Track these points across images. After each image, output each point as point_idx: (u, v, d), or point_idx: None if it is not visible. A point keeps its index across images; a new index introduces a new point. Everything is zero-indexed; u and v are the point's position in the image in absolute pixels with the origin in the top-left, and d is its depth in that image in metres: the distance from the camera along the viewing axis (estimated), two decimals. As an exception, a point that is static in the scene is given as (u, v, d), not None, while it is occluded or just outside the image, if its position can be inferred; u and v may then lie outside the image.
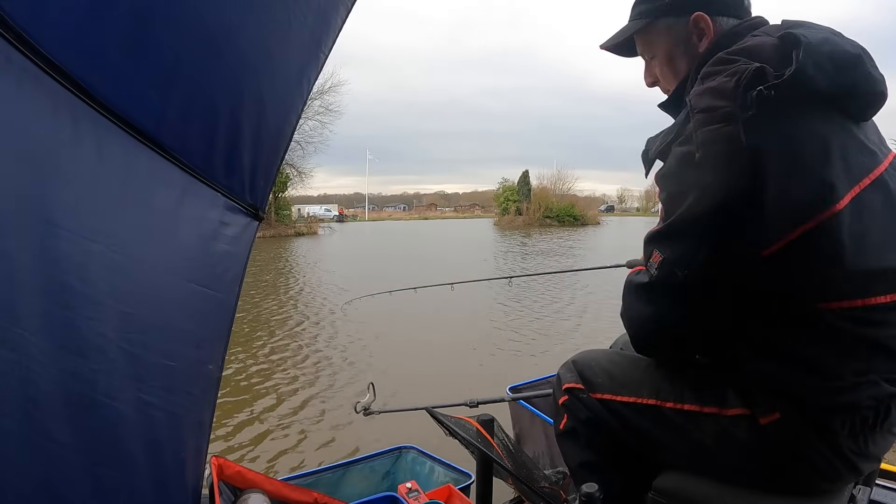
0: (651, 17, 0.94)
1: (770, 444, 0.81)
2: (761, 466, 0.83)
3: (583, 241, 20.61)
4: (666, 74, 0.98)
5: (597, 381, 1.00)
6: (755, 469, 0.84)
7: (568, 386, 1.03)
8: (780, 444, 0.80)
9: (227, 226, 1.03)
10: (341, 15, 0.97)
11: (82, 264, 0.75)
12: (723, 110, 0.73)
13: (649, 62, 1.01)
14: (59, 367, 0.71)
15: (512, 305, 7.51)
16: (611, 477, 0.99)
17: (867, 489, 0.97)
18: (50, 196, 0.72)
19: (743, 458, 0.84)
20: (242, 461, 2.88)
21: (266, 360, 4.92)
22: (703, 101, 0.76)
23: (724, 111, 0.73)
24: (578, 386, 1.01)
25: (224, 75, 0.89)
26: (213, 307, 1.03)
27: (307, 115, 26.50)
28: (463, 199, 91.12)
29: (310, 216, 35.85)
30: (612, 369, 1.00)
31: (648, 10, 0.94)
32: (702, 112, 0.75)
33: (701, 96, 0.77)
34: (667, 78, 0.98)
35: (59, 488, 0.73)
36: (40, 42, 0.67)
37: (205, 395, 1.03)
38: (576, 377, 1.03)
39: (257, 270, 11.45)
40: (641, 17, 0.96)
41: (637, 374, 0.97)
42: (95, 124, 0.77)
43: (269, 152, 1.06)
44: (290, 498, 1.49)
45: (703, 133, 0.74)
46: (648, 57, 1.00)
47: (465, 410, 1.72)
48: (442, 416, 1.58)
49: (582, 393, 1.00)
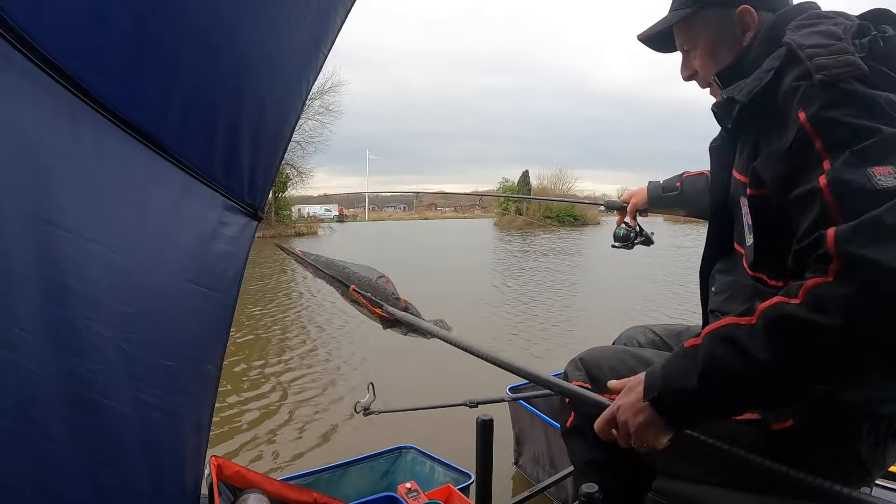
0: (696, 6, 0.91)
1: (778, 452, 0.78)
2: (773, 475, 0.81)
3: (583, 241, 20.62)
4: (708, 66, 0.94)
5: (605, 379, 0.96)
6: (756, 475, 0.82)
7: (575, 384, 1.00)
8: (789, 452, 0.78)
9: (226, 225, 1.03)
10: (340, 15, 0.97)
11: (81, 264, 0.75)
12: (838, 45, 0.67)
13: (687, 54, 0.98)
14: (57, 366, 0.71)
15: (512, 305, 7.51)
16: (616, 474, 0.98)
17: (867, 489, 0.97)
18: (49, 196, 0.72)
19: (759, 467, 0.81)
20: (236, 455, 2.89)
21: (266, 361, 4.92)
22: (812, 39, 0.69)
23: (839, 45, 0.67)
24: (586, 385, 0.98)
25: (223, 75, 0.89)
26: (212, 307, 1.03)
27: (307, 116, 26.47)
28: (463, 200, 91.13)
29: (310, 216, 35.83)
30: (620, 367, 0.98)
31: (694, 0, 0.92)
32: (813, 47, 0.68)
33: (808, 36, 0.70)
34: (708, 70, 0.94)
35: (58, 488, 0.73)
36: (40, 42, 0.67)
37: (203, 394, 1.03)
38: (584, 375, 1.01)
39: (257, 271, 11.46)
40: (685, 7, 0.93)
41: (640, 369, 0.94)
42: (95, 124, 0.77)
43: (268, 152, 1.06)
44: (290, 498, 1.49)
45: (820, 60, 0.66)
46: (688, 48, 0.97)
47: (465, 410, 1.72)
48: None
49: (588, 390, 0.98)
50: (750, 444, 0.80)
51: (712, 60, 0.93)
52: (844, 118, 0.63)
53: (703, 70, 0.95)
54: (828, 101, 0.65)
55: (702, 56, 0.94)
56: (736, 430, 0.81)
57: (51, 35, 0.69)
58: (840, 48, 0.66)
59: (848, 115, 0.63)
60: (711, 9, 0.90)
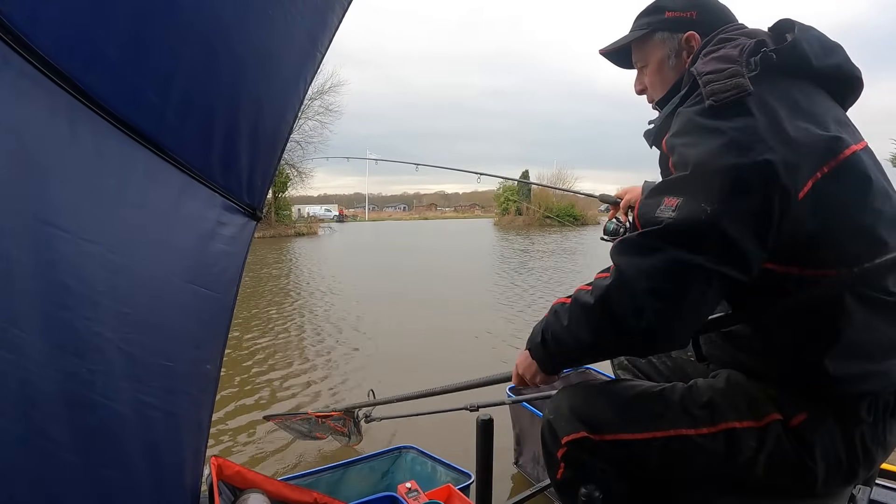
0: (650, 28, 1.02)
1: (804, 446, 0.80)
2: (796, 473, 0.81)
3: (584, 242, 20.63)
4: (654, 83, 1.05)
5: (601, 419, 0.92)
6: (790, 479, 0.82)
7: (569, 439, 0.93)
8: (811, 445, 0.80)
9: (225, 226, 1.04)
10: (337, 14, 0.97)
11: (80, 265, 0.75)
12: (730, 69, 0.78)
13: (641, 70, 1.08)
14: (57, 367, 0.71)
15: (513, 308, 7.52)
16: None
17: (867, 489, 0.97)
18: (47, 197, 0.72)
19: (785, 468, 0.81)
20: (233, 453, 2.89)
21: (267, 362, 4.93)
22: (709, 66, 0.80)
23: (731, 69, 0.78)
24: (581, 434, 0.92)
25: (221, 75, 0.90)
26: (211, 307, 1.03)
27: (307, 116, 26.46)
28: (463, 200, 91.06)
29: (310, 216, 35.85)
30: (617, 402, 0.94)
31: (649, 23, 1.03)
32: (709, 73, 0.79)
33: (707, 63, 0.82)
34: (654, 87, 1.05)
35: (57, 488, 0.73)
36: (38, 44, 0.68)
37: (203, 394, 1.03)
38: (575, 426, 0.93)
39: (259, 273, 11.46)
40: (641, 28, 1.04)
41: (649, 405, 0.91)
42: (93, 125, 0.77)
43: (266, 152, 1.06)
44: (290, 498, 1.49)
45: (711, 86, 0.77)
46: (641, 66, 1.08)
47: (465, 414, 1.72)
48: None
49: (586, 441, 0.92)
50: (779, 442, 0.82)
51: (658, 78, 1.04)
52: (679, 147, 0.78)
53: (651, 87, 1.06)
54: (677, 128, 0.80)
55: (651, 74, 1.05)
56: (763, 433, 0.83)
57: (48, 36, 0.69)
58: (732, 72, 0.77)
59: (682, 145, 0.78)
60: (663, 32, 1.01)
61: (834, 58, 0.85)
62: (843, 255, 0.76)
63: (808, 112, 0.78)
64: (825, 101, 0.84)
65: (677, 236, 0.72)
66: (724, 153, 0.73)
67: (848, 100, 0.89)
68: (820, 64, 0.82)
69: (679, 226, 0.72)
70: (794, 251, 0.77)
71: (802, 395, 0.82)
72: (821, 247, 0.77)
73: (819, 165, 0.75)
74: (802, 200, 0.73)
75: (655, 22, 1.02)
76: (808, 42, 0.82)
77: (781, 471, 0.82)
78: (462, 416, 1.91)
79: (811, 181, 0.74)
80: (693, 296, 0.73)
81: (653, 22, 1.02)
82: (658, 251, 0.73)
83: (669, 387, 0.93)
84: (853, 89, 0.89)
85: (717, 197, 0.71)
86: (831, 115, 0.81)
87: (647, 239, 0.74)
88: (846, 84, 0.87)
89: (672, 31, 1.00)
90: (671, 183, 0.77)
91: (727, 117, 0.75)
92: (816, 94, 0.83)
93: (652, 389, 0.94)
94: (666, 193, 0.76)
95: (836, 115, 0.83)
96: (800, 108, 0.78)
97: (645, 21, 1.04)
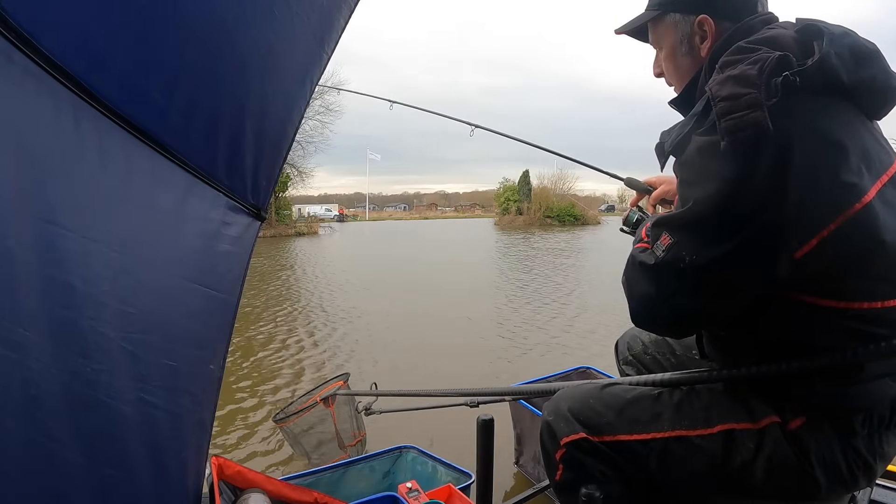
0: (661, 9, 0.97)
1: (802, 451, 0.80)
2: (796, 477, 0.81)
3: (583, 242, 20.62)
4: (669, 70, 1.00)
5: (600, 420, 0.93)
6: (791, 482, 0.82)
7: (568, 440, 0.94)
8: (808, 451, 0.80)
9: (229, 226, 1.03)
10: (344, 15, 0.97)
11: (84, 264, 0.75)
12: (748, 97, 0.71)
13: (658, 53, 1.03)
14: (60, 367, 0.71)
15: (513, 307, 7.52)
16: None
17: (867, 489, 0.97)
18: (52, 196, 0.72)
19: (785, 472, 0.81)
20: (233, 453, 2.89)
21: (266, 362, 4.92)
22: (725, 89, 0.74)
23: (750, 98, 0.71)
24: (579, 436, 0.93)
25: (227, 75, 0.89)
26: (215, 307, 1.03)
27: (308, 115, 26.44)
28: (463, 199, 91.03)
29: (310, 216, 35.85)
30: (616, 404, 0.94)
31: (660, 3, 0.97)
32: (725, 100, 0.73)
33: (723, 84, 0.75)
34: (670, 73, 1.00)
35: (61, 488, 0.73)
36: (42, 42, 0.67)
37: (206, 394, 1.03)
38: (574, 427, 0.94)
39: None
40: (653, 8, 0.98)
41: (648, 406, 0.92)
42: (97, 124, 0.77)
43: (271, 152, 1.06)
44: (290, 498, 1.49)
45: (727, 121, 0.72)
46: (657, 48, 1.03)
47: (466, 410, 1.72)
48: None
49: (585, 442, 0.92)
50: (777, 446, 0.81)
51: (672, 66, 0.99)
52: (683, 180, 0.81)
53: (667, 72, 1.01)
54: (686, 158, 0.81)
55: (665, 58, 1.00)
56: (761, 435, 0.82)
57: (53, 35, 0.68)
58: (750, 101, 0.71)
59: (685, 181, 0.81)
60: (674, 14, 0.96)
61: (867, 69, 0.77)
62: (844, 294, 0.75)
63: (832, 144, 0.73)
64: (853, 124, 0.77)
65: (662, 276, 0.81)
66: (722, 201, 0.73)
67: (882, 112, 0.82)
68: (852, 79, 0.75)
69: (663, 269, 0.80)
70: (795, 284, 0.76)
71: (800, 400, 0.81)
72: (822, 287, 0.76)
73: (826, 223, 0.72)
74: (801, 259, 0.73)
75: (667, 2, 0.96)
76: (838, 55, 0.74)
77: (781, 474, 0.82)
78: (463, 416, 1.91)
79: (816, 239, 0.72)
80: (689, 322, 0.87)
81: (664, 2, 0.97)
82: (652, 283, 0.83)
83: (668, 389, 0.94)
84: (887, 102, 0.81)
85: (703, 247, 0.76)
86: (858, 144, 0.75)
87: (645, 270, 0.83)
88: (881, 97, 0.80)
89: (684, 12, 0.94)
90: (671, 219, 0.81)
91: (735, 159, 0.72)
92: (845, 114, 0.77)
93: (651, 391, 0.94)
94: (665, 228, 0.81)
95: (863, 143, 0.76)
96: (823, 141, 0.73)
97: (657, 0, 0.98)
